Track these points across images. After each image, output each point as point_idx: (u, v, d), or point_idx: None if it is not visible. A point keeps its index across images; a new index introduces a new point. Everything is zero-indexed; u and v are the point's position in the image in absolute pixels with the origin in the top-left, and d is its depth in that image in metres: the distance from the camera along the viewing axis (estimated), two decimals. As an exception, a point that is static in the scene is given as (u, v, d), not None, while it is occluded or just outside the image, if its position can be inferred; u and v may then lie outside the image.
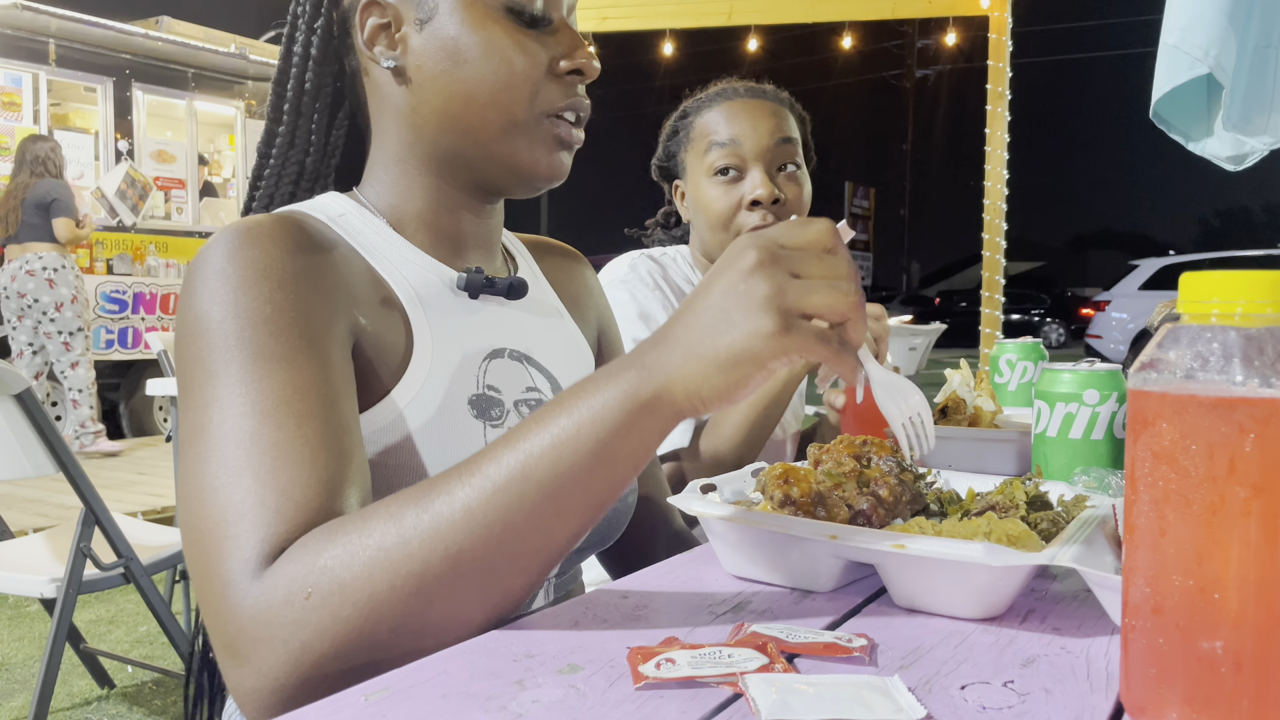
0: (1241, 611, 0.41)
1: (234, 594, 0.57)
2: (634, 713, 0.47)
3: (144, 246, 6.77)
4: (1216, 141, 1.72)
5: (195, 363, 0.65)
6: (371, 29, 0.81)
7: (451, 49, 0.78)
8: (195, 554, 0.60)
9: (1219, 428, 0.41)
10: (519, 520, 0.56)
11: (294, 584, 0.56)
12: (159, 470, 5.12)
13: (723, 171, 1.40)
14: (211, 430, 0.62)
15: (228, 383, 0.63)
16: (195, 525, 0.61)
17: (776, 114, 1.43)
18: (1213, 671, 0.41)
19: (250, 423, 0.62)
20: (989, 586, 0.60)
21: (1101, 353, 11.45)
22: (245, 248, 0.69)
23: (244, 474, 0.60)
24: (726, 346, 0.54)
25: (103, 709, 2.48)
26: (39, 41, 6.44)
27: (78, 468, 1.87)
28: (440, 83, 0.79)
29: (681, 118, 1.51)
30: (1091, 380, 0.97)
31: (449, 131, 0.80)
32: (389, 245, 0.81)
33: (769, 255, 0.55)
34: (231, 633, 0.57)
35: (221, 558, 0.58)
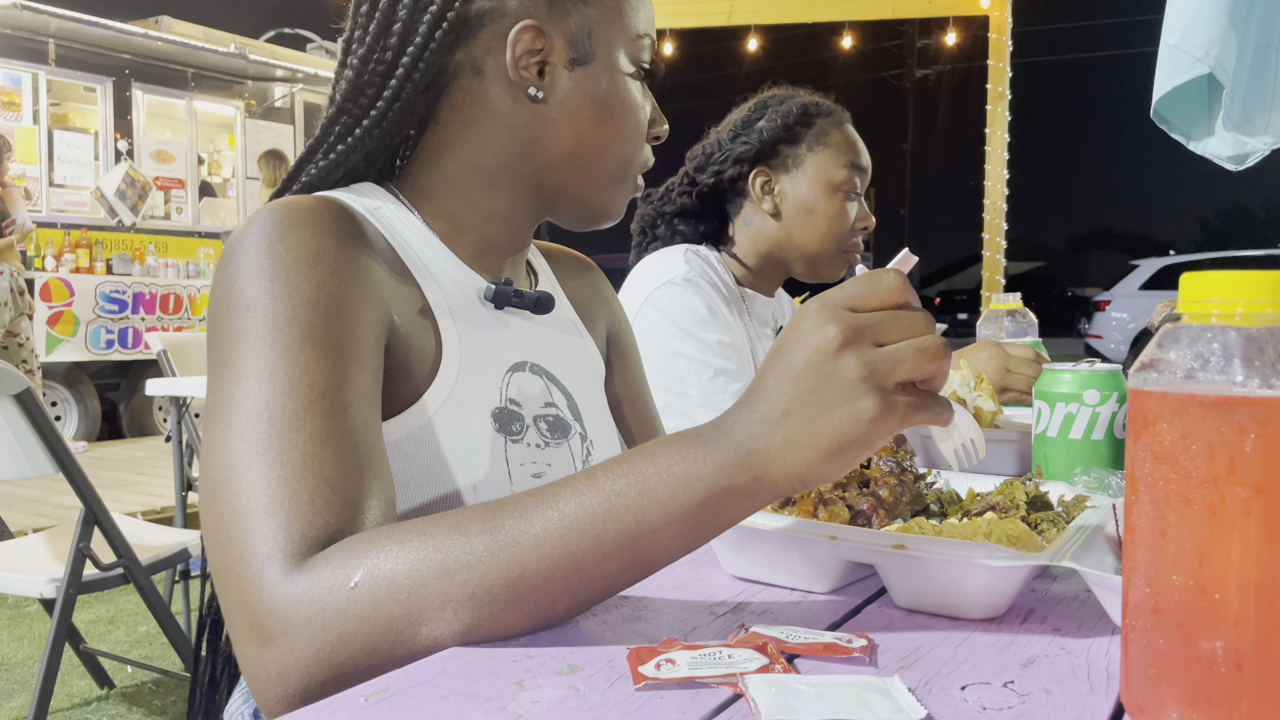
0: (1242, 612, 0.41)
1: (271, 575, 0.56)
2: (634, 713, 0.47)
3: (144, 246, 6.78)
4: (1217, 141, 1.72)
5: (237, 337, 0.64)
6: (523, 52, 0.78)
7: (601, 100, 0.81)
8: (224, 531, 0.58)
9: (1219, 428, 0.41)
10: (588, 563, 0.55)
11: (341, 572, 0.55)
12: (159, 470, 5.12)
13: (849, 192, 1.49)
14: (253, 405, 0.61)
15: (275, 360, 0.62)
16: (228, 501, 0.59)
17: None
18: (1213, 672, 0.41)
19: (296, 404, 0.61)
20: (989, 586, 0.60)
21: (1101, 353, 11.45)
22: (294, 229, 0.68)
23: (289, 456, 0.59)
24: (830, 434, 0.53)
25: (102, 709, 2.48)
26: (39, 41, 6.44)
27: (78, 468, 1.87)
28: (581, 126, 0.81)
29: (805, 115, 1.50)
30: (1091, 380, 0.97)
31: (568, 170, 0.83)
32: (423, 245, 0.80)
33: (851, 330, 0.54)
34: (263, 613, 0.55)
35: (260, 538, 0.57)
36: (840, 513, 0.70)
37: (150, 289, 6.62)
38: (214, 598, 0.91)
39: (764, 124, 1.51)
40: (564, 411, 0.86)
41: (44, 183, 6.51)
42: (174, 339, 2.98)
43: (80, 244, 6.46)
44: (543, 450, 0.82)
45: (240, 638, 0.57)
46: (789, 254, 1.49)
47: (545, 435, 0.83)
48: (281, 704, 0.56)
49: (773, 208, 1.49)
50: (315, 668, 0.55)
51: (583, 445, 0.87)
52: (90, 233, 6.56)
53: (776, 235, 1.49)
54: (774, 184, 1.49)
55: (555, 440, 0.84)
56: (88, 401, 6.32)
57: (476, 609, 0.55)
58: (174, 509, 2.95)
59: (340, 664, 0.55)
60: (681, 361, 1.33)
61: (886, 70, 39.46)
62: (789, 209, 1.48)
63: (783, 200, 1.48)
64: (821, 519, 0.69)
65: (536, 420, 0.82)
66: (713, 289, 1.42)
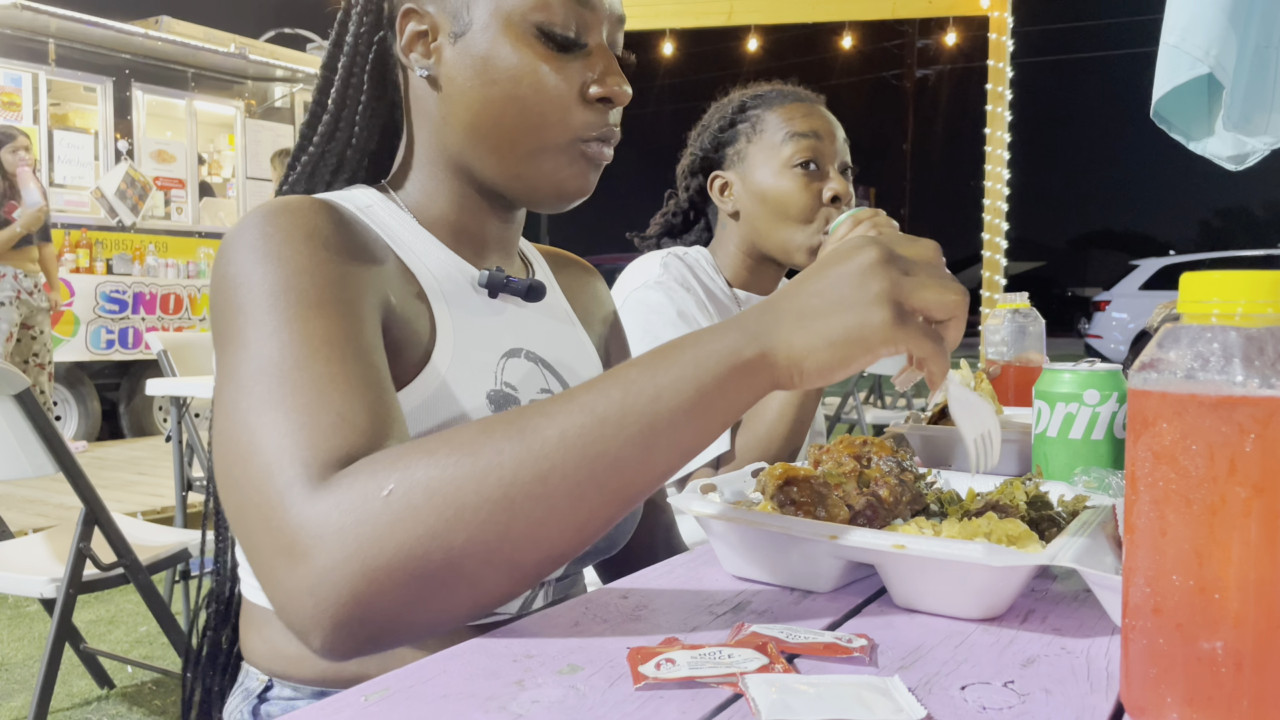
0: (1242, 612, 0.41)
1: (296, 495, 0.55)
2: (634, 713, 0.47)
3: (144, 246, 6.77)
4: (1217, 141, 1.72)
5: (236, 312, 0.65)
6: (410, 35, 0.81)
7: (481, 67, 0.78)
8: (241, 472, 0.58)
9: (1219, 428, 0.41)
10: (612, 452, 0.55)
11: (372, 483, 0.55)
12: (159, 470, 5.12)
13: (803, 165, 1.42)
14: (257, 364, 0.62)
15: (274, 323, 0.63)
16: (242, 446, 0.59)
17: (833, 117, 1.49)
18: (1213, 672, 0.41)
19: (299, 354, 0.62)
20: (989, 586, 0.60)
21: (1101, 353, 11.45)
22: (286, 215, 0.70)
23: (298, 397, 0.60)
24: (840, 326, 0.56)
25: (103, 709, 2.48)
26: (39, 41, 6.44)
27: (78, 468, 1.87)
28: (469, 98, 0.79)
29: (740, 111, 1.49)
30: (1091, 380, 0.97)
31: (476, 146, 0.81)
32: (414, 238, 0.82)
33: (887, 254, 0.58)
34: (291, 532, 0.54)
35: (279, 466, 0.57)
36: (840, 513, 0.70)
37: (150, 289, 6.62)
38: (210, 595, 0.92)
39: (707, 131, 1.53)
40: None
41: (44, 182, 6.51)
42: (174, 339, 2.98)
43: (80, 244, 6.46)
44: None
45: (267, 564, 0.56)
46: (763, 246, 1.46)
47: None
48: (316, 622, 0.54)
49: (733, 207, 1.48)
50: (351, 579, 0.53)
51: None
52: (90, 233, 6.56)
53: (743, 232, 1.48)
54: (730, 184, 1.49)
55: None
56: (88, 401, 6.32)
57: (511, 510, 0.54)
58: (174, 509, 2.95)
59: (377, 575, 0.53)
60: None
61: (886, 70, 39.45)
62: (745, 204, 1.47)
63: (740, 198, 1.48)
64: (821, 519, 0.69)
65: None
66: (688, 292, 1.39)
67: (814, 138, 1.43)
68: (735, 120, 1.50)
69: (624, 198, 4.12)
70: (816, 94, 1.52)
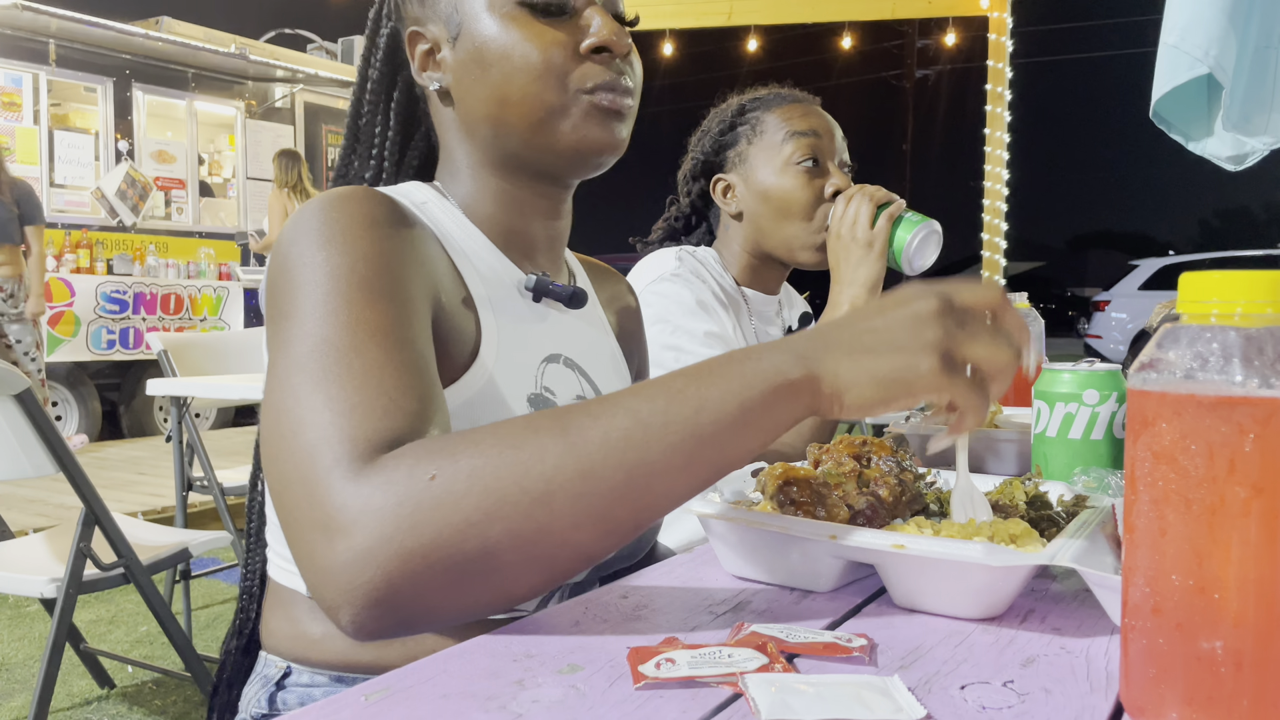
0: (1241, 611, 0.41)
1: (340, 474, 0.56)
2: (634, 713, 0.47)
3: (144, 246, 6.77)
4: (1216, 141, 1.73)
5: (295, 289, 0.66)
6: (420, 56, 0.85)
7: (479, 57, 0.80)
8: (287, 449, 0.59)
9: (1219, 428, 0.41)
10: (652, 458, 0.56)
11: (417, 467, 0.56)
12: (159, 470, 5.12)
13: (804, 162, 1.44)
14: (312, 343, 0.63)
15: (332, 305, 0.64)
16: (290, 423, 0.60)
17: (830, 117, 1.52)
18: (1212, 672, 0.41)
19: (354, 339, 0.63)
20: (989, 586, 0.60)
21: (1101, 353, 11.44)
22: (348, 203, 0.71)
23: (349, 379, 0.61)
24: (888, 366, 0.58)
25: (103, 709, 2.48)
26: (39, 41, 6.44)
27: (78, 468, 1.87)
28: (477, 91, 0.81)
29: (739, 114, 1.51)
30: (1091, 380, 0.97)
31: (498, 134, 0.82)
32: (466, 237, 0.83)
33: (946, 304, 0.59)
34: (333, 509, 0.56)
35: (326, 445, 0.58)
36: (840, 513, 0.70)
37: (151, 289, 6.62)
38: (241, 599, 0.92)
39: (708, 135, 1.54)
40: None
41: (44, 183, 6.51)
42: (174, 339, 2.98)
43: (81, 244, 6.46)
44: None
45: (305, 538, 0.57)
46: (767, 245, 1.48)
47: None
48: (348, 599, 0.55)
49: (736, 209, 1.50)
50: (388, 560, 0.54)
51: None
52: (91, 233, 6.56)
53: (747, 233, 1.50)
54: (732, 187, 1.50)
55: None
56: (88, 401, 6.32)
57: (549, 506, 0.55)
58: (174, 509, 2.95)
59: (413, 558, 0.54)
60: (669, 354, 1.32)
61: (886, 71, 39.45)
62: (748, 204, 1.49)
63: (743, 199, 1.49)
64: (821, 519, 0.69)
65: None
66: (703, 284, 1.42)
67: (813, 136, 1.44)
68: (735, 123, 1.51)
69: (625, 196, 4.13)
70: (812, 95, 1.54)
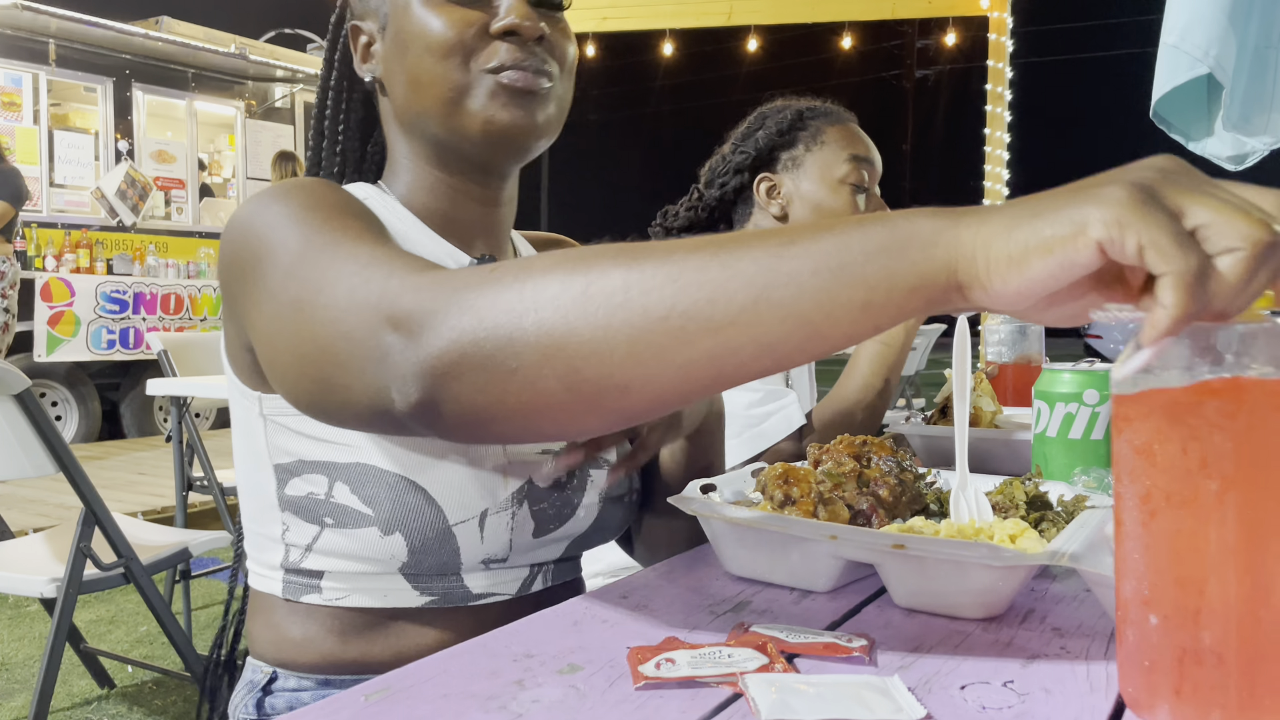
0: (1223, 604, 0.41)
1: (400, 280, 0.58)
2: (634, 713, 0.47)
3: (144, 246, 6.77)
4: (1217, 141, 1.73)
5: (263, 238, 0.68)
6: (361, 50, 0.87)
7: (400, 44, 0.81)
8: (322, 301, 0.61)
9: (1188, 421, 0.41)
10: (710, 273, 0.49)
11: (477, 269, 0.56)
12: (159, 470, 5.12)
13: (855, 185, 1.49)
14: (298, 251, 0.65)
15: (305, 228, 0.67)
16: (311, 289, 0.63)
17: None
18: (1199, 664, 0.42)
19: (340, 235, 0.65)
20: (989, 586, 0.60)
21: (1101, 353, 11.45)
22: (290, 180, 0.74)
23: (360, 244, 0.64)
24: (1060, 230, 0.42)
25: (103, 709, 2.48)
26: (39, 41, 6.44)
27: (78, 468, 1.87)
28: (399, 78, 0.82)
29: (799, 119, 1.53)
30: (1091, 380, 0.97)
31: (417, 119, 0.83)
32: (408, 228, 0.84)
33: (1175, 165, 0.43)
34: (405, 307, 0.57)
35: (371, 271, 0.60)
36: (840, 513, 0.70)
37: (151, 289, 6.62)
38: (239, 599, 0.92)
39: (762, 133, 1.54)
40: None
41: (44, 183, 6.51)
42: (174, 339, 2.98)
43: (81, 244, 6.46)
44: None
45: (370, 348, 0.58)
46: None
47: None
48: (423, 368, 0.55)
49: (780, 210, 1.50)
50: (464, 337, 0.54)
51: None
52: (91, 233, 6.56)
53: None
54: (779, 187, 1.50)
55: None
56: (88, 401, 6.32)
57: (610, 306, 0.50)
58: (174, 509, 2.95)
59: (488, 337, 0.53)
60: None
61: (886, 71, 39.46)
62: (795, 209, 1.49)
63: (789, 202, 1.50)
64: (821, 519, 0.69)
65: None
66: None
67: (868, 164, 1.50)
68: (795, 127, 1.53)
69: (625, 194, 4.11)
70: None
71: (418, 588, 0.77)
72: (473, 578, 0.79)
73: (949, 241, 0.45)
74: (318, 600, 0.78)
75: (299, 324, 0.63)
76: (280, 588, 0.79)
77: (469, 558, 0.77)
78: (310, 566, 0.78)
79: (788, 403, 1.33)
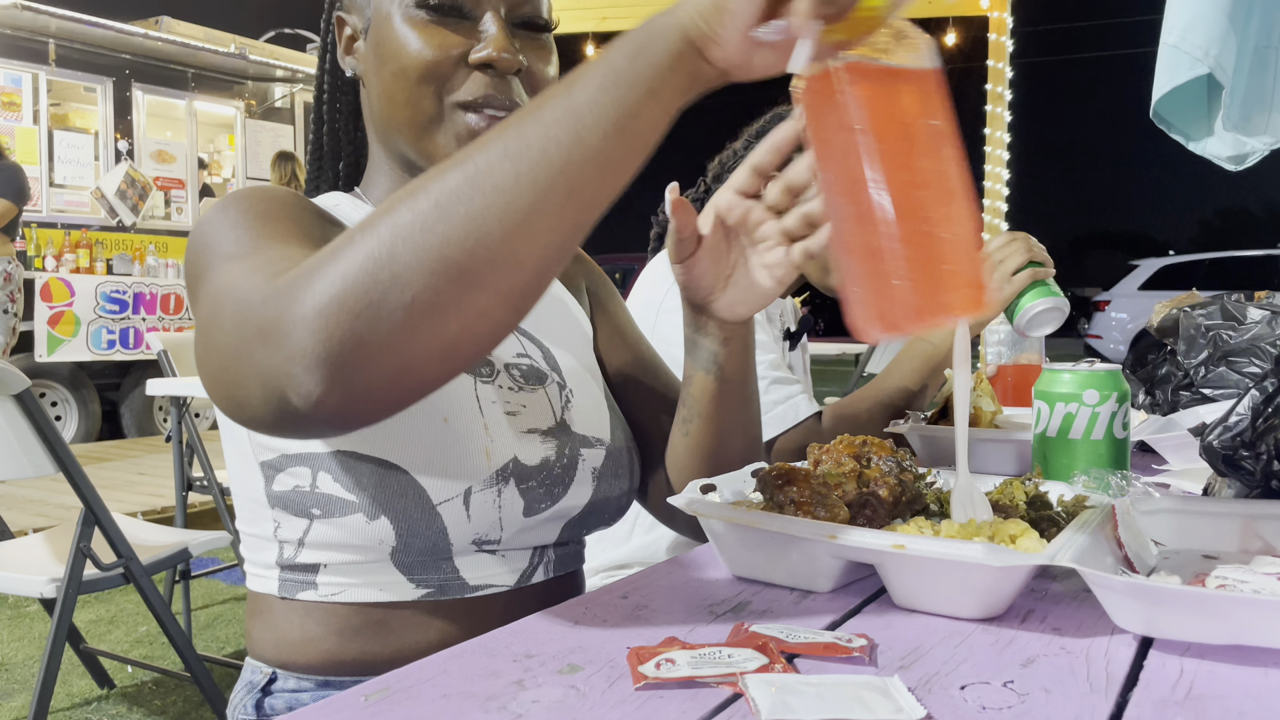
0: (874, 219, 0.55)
1: (258, 286, 0.59)
2: (634, 713, 0.47)
3: (144, 246, 6.77)
4: (1217, 141, 1.73)
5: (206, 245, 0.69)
6: (345, 42, 0.86)
7: (379, 53, 0.81)
8: (217, 319, 0.61)
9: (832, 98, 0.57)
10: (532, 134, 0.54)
11: (321, 254, 0.56)
12: (159, 470, 5.12)
13: None
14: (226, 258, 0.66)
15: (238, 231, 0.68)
16: (213, 302, 0.63)
17: None
18: (878, 265, 0.55)
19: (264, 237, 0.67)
20: (989, 586, 0.60)
21: (1101, 353, 11.44)
22: (244, 188, 0.76)
23: (259, 254, 0.65)
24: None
25: (103, 709, 2.48)
26: (39, 41, 6.44)
27: (78, 468, 1.87)
28: (376, 87, 0.82)
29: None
30: (1091, 380, 0.97)
31: (391, 132, 0.83)
32: None
33: None
34: (268, 311, 0.56)
35: (241, 286, 0.61)
36: (840, 513, 0.70)
37: (151, 289, 6.62)
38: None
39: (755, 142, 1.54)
40: (538, 362, 0.88)
41: (44, 183, 6.51)
42: (174, 339, 2.98)
43: (80, 244, 6.46)
44: (516, 393, 0.84)
45: (255, 358, 0.56)
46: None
47: (518, 380, 0.85)
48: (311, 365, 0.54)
49: None
50: (335, 308, 0.53)
51: (561, 393, 0.88)
52: (90, 233, 6.56)
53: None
54: None
55: (530, 386, 0.86)
56: (88, 401, 6.32)
57: (445, 215, 0.53)
58: (174, 509, 2.95)
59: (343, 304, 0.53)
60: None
61: (886, 70, 39.27)
62: None
63: None
64: (821, 519, 0.69)
65: (508, 368, 0.85)
66: None
67: None
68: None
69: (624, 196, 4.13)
70: None
71: (413, 579, 0.78)
72: (467, 565, 0.79)
73: (674, 19, 0.57)
74: (314, 597, 0.78)
75: (204, 346, 0.63)
76: (276, 586, 0.80)
77: (458, 538, 0.77)
78: (304, 561, 0.78)
79: (794, 391, 1.33)
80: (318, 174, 0.93)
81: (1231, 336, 1.30)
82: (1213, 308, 1.34)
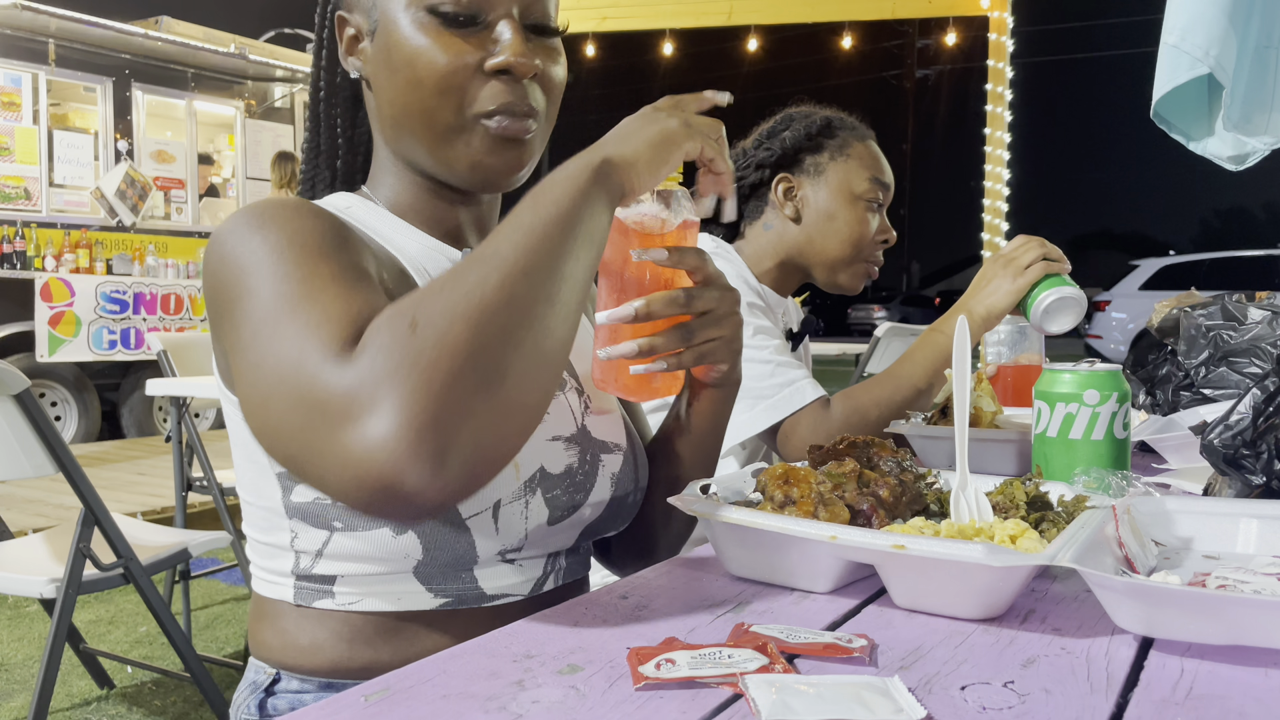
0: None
1: (330, 364, 0.59)
2: (634, 713, 0.47)
3: (144, 246, 6.77)
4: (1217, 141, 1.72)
5: (241, 273, 0.68)
6: (347, 41, 0.85)
7: (388, 58, 0.80)
8: (275, 388, 0.61)
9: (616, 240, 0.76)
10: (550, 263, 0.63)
11: (396, 327, 0.58)
12: (159, 470, 5.12)
13: (871, 203, 1.52)
14: (269, 303, 0.65)
15: (282, 269, 0.67)
16: (269, 365, 0.62)
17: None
18: None
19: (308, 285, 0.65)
20: (989, 586, 0.60)
21: (1101, 353, 11.44)
22: (273, 201, 0.73)
23: (310, 308, 0.63)
24: (653, 133, 0.72)
25: (102, 709, 2.48)
26: (39, 41, 6.43)
27: (78, 468, 1.87)
28: (386, 93, 0.81)
29: (828, 127, 1.54)
30: (1091, 380, 0.97)
31: (402, 138, 0.83)
32: (393, 231, 0.84)
33: (670, 104, 0.76)
34: (341, 400, 0.57)
35: (306, 359, 0.60)
36: (840, 513, 0.70)
37: (151, 289, 6.61)
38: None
39: (789, 134, 1.55)
40: None
41: (44, 183, 6.51)
42: (174, 339, 2.98)
43: (80, 244, 6.46)
44: None
45: (333, 447, 0.57)
46: (809, 259, 1.51)
47: None
48: (410, 458, 0.55)
49: (794, 212, 1.51)
50: (422, 407, 0.55)
51: (580, 399, 0.87)
52: (90, 233, 6.55)
53: (797, 239, 1.51)
54: (797, 190, 1.52)
55: None
56: (88, 402, 6.32)
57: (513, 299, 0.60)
58: (174, 509, 2.95)
59: (442, 392, 0.56)
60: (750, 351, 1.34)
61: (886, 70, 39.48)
62: (810, 214, 1.51)
63: (805, 205, 1.51)
64: (821, 519, 0.69)
65: None
66: (741, 281, 1.46)
67: (886, 188, 1.54)
68: (823, 134, 1.54)
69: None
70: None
71: (431, 589, 0.77)
72: (486, 575, 0.79)
73: (597, 155, 0.69)
74: (330, 605, 0.78)
75: (256, 396, 0.63)
76: (292, 594, 0.79)
77: (484, 551, 0.77)
78: (321, 572, 0.77)
79: (798, 375, 1.34)
80: (313, 172, 0.92)
81: (1232, 337, 1.30)
82: (1213, 308, 1.34)
